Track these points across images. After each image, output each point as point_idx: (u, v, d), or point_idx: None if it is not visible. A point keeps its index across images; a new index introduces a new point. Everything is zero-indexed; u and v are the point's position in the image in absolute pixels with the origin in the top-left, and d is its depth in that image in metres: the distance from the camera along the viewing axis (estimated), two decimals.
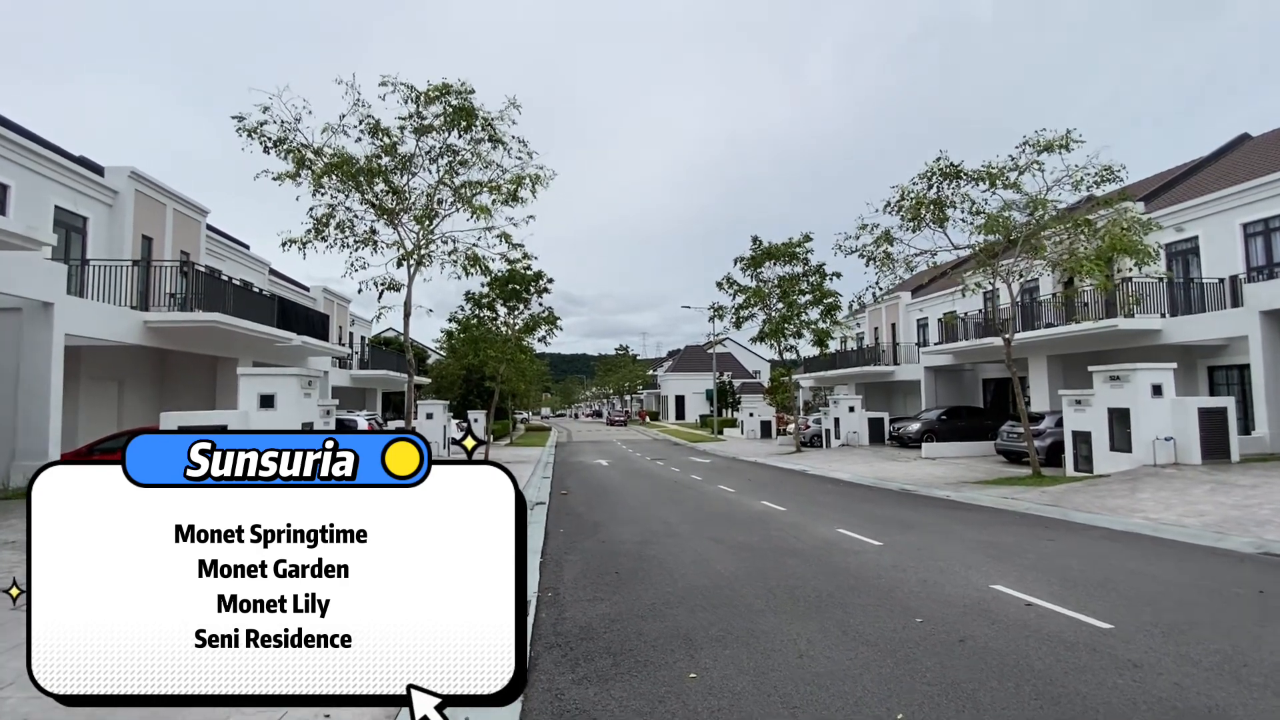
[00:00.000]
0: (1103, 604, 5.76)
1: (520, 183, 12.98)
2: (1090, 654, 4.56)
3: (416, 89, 11.93)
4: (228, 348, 18.97)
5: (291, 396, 12.21)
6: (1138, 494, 12.07)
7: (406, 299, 13.24)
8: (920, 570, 7.13)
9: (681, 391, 73.56)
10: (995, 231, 14.52)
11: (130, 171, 18.08)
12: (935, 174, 14.86)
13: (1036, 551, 8.10)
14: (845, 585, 6.54)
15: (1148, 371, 15.04)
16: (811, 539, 9.13)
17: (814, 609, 5.76)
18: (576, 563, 7.98)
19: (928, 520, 10.73)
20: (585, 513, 12.24)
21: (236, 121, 11.43)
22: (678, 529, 10.21)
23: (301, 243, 12.33)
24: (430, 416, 28.71)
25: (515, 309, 24.88)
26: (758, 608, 5.84)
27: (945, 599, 5.99)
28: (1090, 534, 9.41)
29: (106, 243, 17.62)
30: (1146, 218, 15.27)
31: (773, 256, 28.04)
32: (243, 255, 25.33)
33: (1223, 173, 22.73)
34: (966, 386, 31.14)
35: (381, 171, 12.37)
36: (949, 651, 4.65)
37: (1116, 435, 15.31)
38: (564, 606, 6.05)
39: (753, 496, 14.21)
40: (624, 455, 28.78)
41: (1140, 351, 19.38)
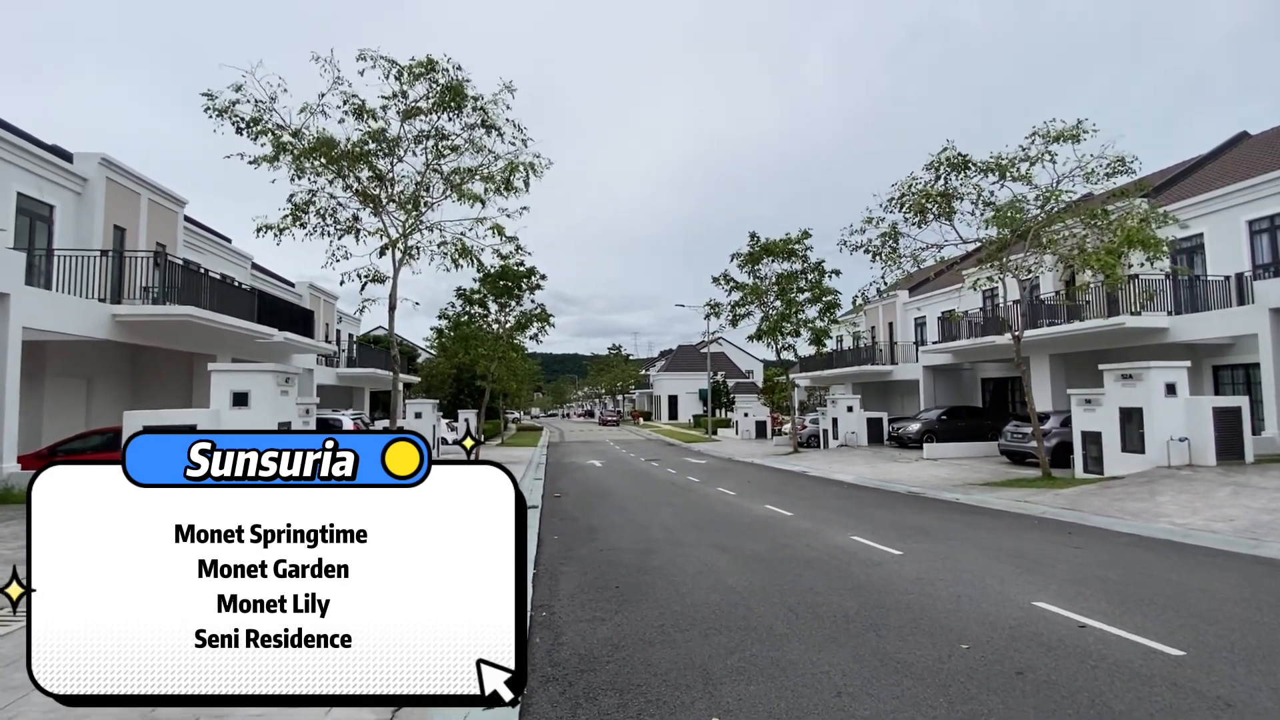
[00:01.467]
0: (1160, 624, 5.18)
1: (514, 170, 12.28)
2: (1172, 690, 3.96)
3: (398, 64, 11.16)
4: (204, 344, 18.14)
5: (267, 394, 11.45)
6: (1157, 497, 11.56)
7: (392, 291, 12.52)
8: (950, 584, 6.53)
9: (674, 391, 73.00)
10: (1005, 226, 13.98)
11: (101, 158, 17.19)
12: (943, 164, 14.30)
13: (1067, 561, 7.53)
14: (872, 602, 5.92)
15: (1161, 370, 14.57)
16: (825, 548, 8.51)
17: (843, 632, 5.14)
18: (573, 574, 7.33)
19: (944, 526, 10.15)
20: (580, 517, 11.58)
21: (206, 99, 10.65)
22: (680, 536, 9.58)
23: (279, 229, 11.58)
24: (419, 416, 27.99)
25: (507, 306, 24.18)
26: (779, 631, 5.21)
27: (987, 619, 5.38)
28: (1117, 541, 8.86)
29: (75, 233, 16.74)
30: (1161, 210, 14.76)
31: (771, 253, 27.46)
32: (224, 249, 24.43)
33: (1224, 170, 22.40)
34: (965, 386, 30.73)
35: (365, 155, 11.63)
36: (1009, 687, 4.04)
37: (1128, 436, 14.83)
38: (560, 629, 5.40)
39: (755, 500, 13.60)
40: (618, 456, 28.13)
41: (1144, 350, 18.95)
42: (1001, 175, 14.04)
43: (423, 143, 11.96)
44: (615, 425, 66.21)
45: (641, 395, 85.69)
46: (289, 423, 12.01)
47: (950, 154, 14.11)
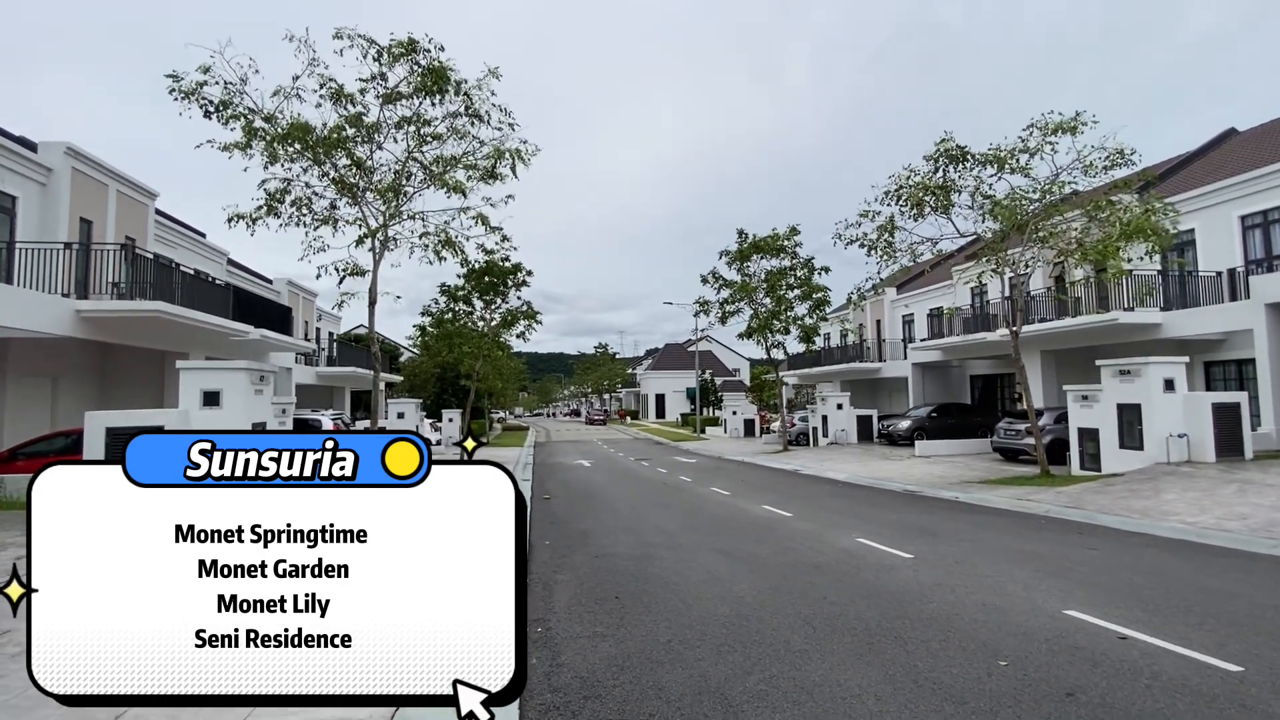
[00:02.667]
0: (1206, 634, 4.83)
1: (499, 158, 11.75)
2: (1244, 714, 3.58)
3: (377, 43, 10.56)
4: (177, 342, 17.37)
5: (239, 393, 10.83)
6: (1162, 495, 11.33)
7: (371, 285, 11.94)
8: (971, 590, 6.15)
9: (661, 390, 72.60)
10: (1005, 218, 13.69)
11: (66, 147, 16.36)
12: (941, 156, 13.98)
13: (1086, 563, 7.19)
14: (893, 612, 5.52)
15: (1160, 365, 14.39)
16: (831, 551, 8.12)
17: (867, 647, 4.72)
18: (568, 583, 6.86)
19: (949, 526, 9.81)
20: (571, 520, 11.11)
21: (171, 81, 9.99)
22: (678, 539, 9.14)
23: (251, 218, 10.95)
24: (401, 415, 27.35)
25: (492, 303, 23.59)
26: (797, 646, 4.78)
27: (1020, 630, 5.00)
28: (1130, 541, 8.57)
29: (39, 225, 15.93)
30: (1164, 202, 14.53)
31: (760, 250, 27.11)
32: (199, 244, 23.57)
33: (1214, 166, 22.39)
34: (954, 383, 30.63)
35: (342, 142, 11.04)
36: (1063, 712, 3.63)
37: (1126, 432, 14.65)
38: (559, 647, 4.93)
39: (751, 500, 13.21)
40: (606, 455, 27.64)
41: (1135, 346, 18.83)
42: (1000, 167, 13.76)
43: (403, 128, 11.38)
44: (602, 424, 65.68)
45: (628, 394, 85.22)
46: (264, 423, 11.38)
47: (949, 145, 13.80)
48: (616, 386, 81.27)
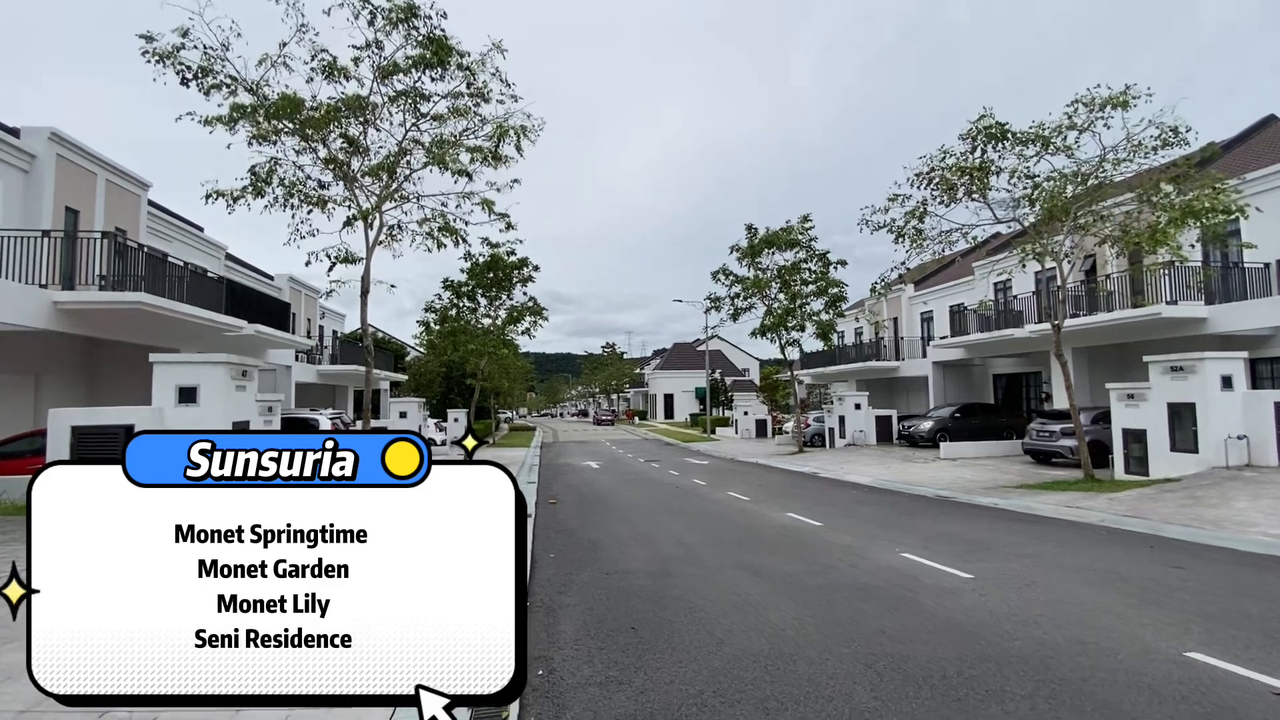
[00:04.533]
0: None
1: (503, 135, 10.81)
2: None
3: (371, 2, 9.61)
4: (165, 337, 16.54)
5: (218, 389, 9.95)
6: (1232, 503, 10.25)
7: (365, 272, 11.04)
8: (1059, 623, 5.14)
9: (670, 390, 71.61)
10: (1050, 202, 12.63)
11: (50, 133, 15.58)
12: (979, 134, 12.92)
13: (1181, 588, 6.17)
14: (971, 653, 4.53)
15: (1216, 361, 13.30)
16: (876, 569, 7.12)
17: (956, 708, 3.73)
18: (575, 608, 5.90)
19: (1001, 539, 8.79)
20: (579, 528, 10.16)
21: (144, 42, 9.12)
22: (698, 553, 8.16)
23: (232, 197, 10.06)
24: (404, 415, 26.52)
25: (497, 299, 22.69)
26: (863, 702, 3.80)
27: (1141, 682, 4.00)
28: (1216, 558, 7.52)
29: (22, 214, 15.16)
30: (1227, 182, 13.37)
31: (771, 244, 26.07)
32: (195, 237, 22.81)
33: (1255, 153, 21.19)
34: (976, 383, 29.50)
35: (335, 116, 10.13)
36: None
37: (1178, 433, 13.55)
38: (564, 697, 3.98)
39: (772, 506, 12.21)
40: (615, 457, 26.68)
41: (1174, 342, 17.67)
42: (1044, 146, 12.69)
43: (398, 101, 10.45)
44: (610, 425, 64.77)
45: (636, 394, 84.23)
46: (246, 422, 10.50)
47: (988, 123, 12.73)
48: (624, 386, 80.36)
